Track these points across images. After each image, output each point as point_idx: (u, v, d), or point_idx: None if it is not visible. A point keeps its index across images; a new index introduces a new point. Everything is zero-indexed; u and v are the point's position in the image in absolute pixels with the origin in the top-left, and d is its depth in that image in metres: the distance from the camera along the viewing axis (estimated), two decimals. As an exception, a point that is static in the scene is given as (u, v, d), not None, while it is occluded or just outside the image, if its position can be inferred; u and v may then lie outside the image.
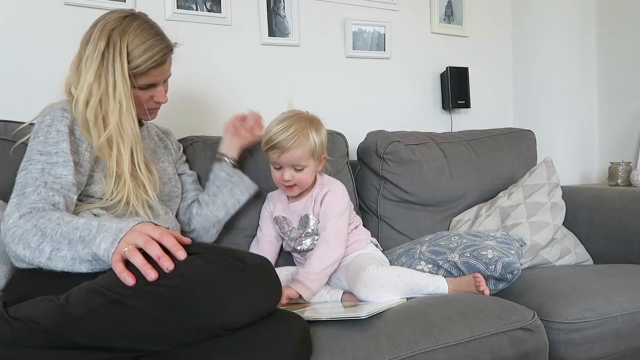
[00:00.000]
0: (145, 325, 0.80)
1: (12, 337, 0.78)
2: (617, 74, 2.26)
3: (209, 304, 0.80)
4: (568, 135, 2.29)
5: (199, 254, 0.84)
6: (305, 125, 1.31)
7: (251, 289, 0.83)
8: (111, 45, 1.10)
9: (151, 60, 1.13)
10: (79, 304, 0.80)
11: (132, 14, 1.16)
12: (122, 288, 0.80)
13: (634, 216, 1.59)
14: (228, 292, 0.81)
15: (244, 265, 0.84)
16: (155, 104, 1.23)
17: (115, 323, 0.80)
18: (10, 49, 1.50)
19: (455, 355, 1.01)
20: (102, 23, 1.13)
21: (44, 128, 1.08)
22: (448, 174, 1.79)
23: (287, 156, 1.30)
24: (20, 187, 1.01)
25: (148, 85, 1.18)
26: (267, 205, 1.49)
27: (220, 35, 1.79)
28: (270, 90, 1.87)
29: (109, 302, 0.80)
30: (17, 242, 0.93)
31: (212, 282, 0.81)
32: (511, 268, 1.25)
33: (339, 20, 2.01)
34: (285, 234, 1.44)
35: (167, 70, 1.21)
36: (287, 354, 0.84)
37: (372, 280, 1.20)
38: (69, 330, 0.79)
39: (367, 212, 1.79)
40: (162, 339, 0.81)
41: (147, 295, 0.80)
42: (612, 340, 1.20)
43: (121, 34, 1.10)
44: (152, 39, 1.13)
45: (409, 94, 2.18)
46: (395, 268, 1.31)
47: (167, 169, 1.33)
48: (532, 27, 2.32)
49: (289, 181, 1.33)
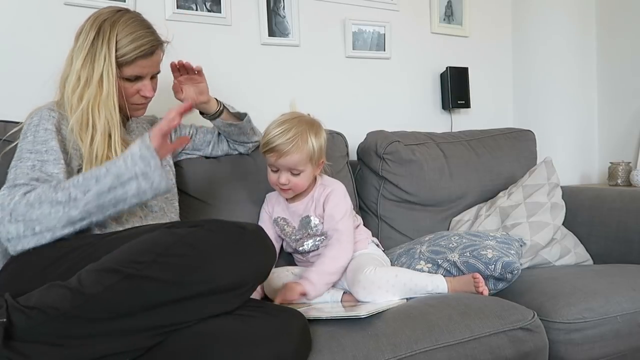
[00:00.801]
0: (163, 295, 0.83)
1: (29, 324, 0.78)
2: (616, 74, 2.26)
3: (217, 266, 0.86)
4: (568, 135, 2.29)
5: (201, 226, 0.90)
6: (305, 129, 1.30)
7: (252, 250, 0.91)
8: (101, 34, 1.12)
9: (139, 50, 1.14)
10: (94, 284, 0.81)
11: (126, 9, 1.19)
12: (135, 263, 0.83)
13: (633, 216, 1.59)
14: (232, 254, 0.88)
15: (244, 231, 0.91)
16: (142, 98, 1.22)
17: (132, 297, 0.82)
18: (10, 49, 1.50)
19: (455, 355, 1.01)
20: (94, 15, 1.16)
21: (32, 128, 1.09)
22: (448, 174, 1.79)
23: (284, 160, 1.29)
24: (10, 181, 1.01)
25: (135, 77, 1.18)
26: (265, 206, 1.49)
27: (220, 36, 1.79)
28: (270, 90, 1.87)
29: (124, 278, 0.82)
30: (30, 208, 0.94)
31: (218, 246, 0.87)
32: (511, 268, 1.25)
33: (339, 20, 2.01)
34: (286, 235, 1.43)
35: (156, 64, 1.22)
36: (286, 349, 0.85)
37: (370, 281, 1.20)
38: (88, 310, 0.80)
39: (367, 212, 1.79)
40: (179, 308, 0.84)
41: (161, 265, 0.83)
42: (612, 340, 1.20)
43: (112, 25, 1.13)
44: (141, 31, 1.16)
45: (408, 94, 2.18)
46: (394, 269, 1.31)
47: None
48: (532, 27, 2.32)
49: (285, 185, 1.33)
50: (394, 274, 1.23)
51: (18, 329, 0.78)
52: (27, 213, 0.95)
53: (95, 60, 1.12)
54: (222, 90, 1.50)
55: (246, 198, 1.52)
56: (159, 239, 0.88)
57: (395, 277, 1.22)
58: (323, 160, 1.39)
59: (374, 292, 1.19)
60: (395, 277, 1.22)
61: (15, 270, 0.99)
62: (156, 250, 0.85)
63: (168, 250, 0.85)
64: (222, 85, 1.52)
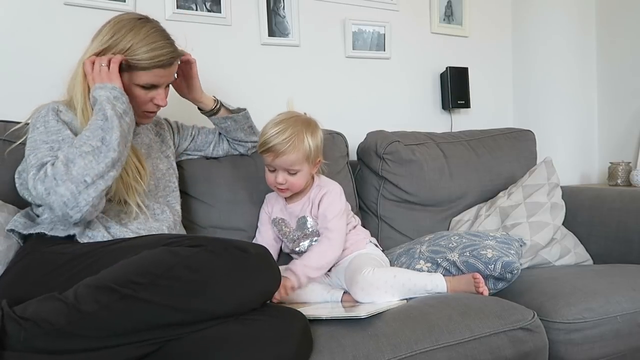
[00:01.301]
0: (159, 318, 0.82)
1: (25, 337, 0.78)
2: (616, 74, 2.26)
3: (218, 292, 0.84)
4: (568, 135, 2.29)
5: (204, 247, 0.87)
6: (301, 129, 1.30)
7: (256, 276, 0.89)
8: (116, 37, 1.13)
9: (157, 60, 1.15)
10: (91, 301, 0.80)
11: (146, 18, 1.19)
12: (132, 283, 0.81)
13: (633, 216, 1.59)
14: (235, 280, 0.86)
15: (248, 255, 0.89)
16: (154, 106, 1.23)
17: (128, 317, 0.81)
18: (10, 49, 1.49)
19: (455, 355, 1.01)
20: (114, 20, 1.17)
21: (41, 119, 1.09)
22: (448, 174, 1.79)
23: (281, 160, 1.29)
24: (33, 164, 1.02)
25: (150, 85, 1.19)
26: (265, 207, 1.49)
27: (220, 36, 1.79)
28: (270, 90, 1.87)
29: (120, 298, 0.80)
30: (67, 167, 0.97)
31: (221, 272, 0.85)
32: (511, 268, 1.25)
33: (339, 20, 2.01)
34: (284, 235, 1.44)
35: (172, 74, 1.23)
36: (288, 350, 0.85)
37: (368, 282, 1.20)
38: (83, 327, 0.79)
39: (367, 212, 1.79)
40: (175, 329, 0.83)
41: (159, 288, 0.82)
42: (612, 340, 1.20)
43: (129, 30, 1.14)
44: (161, 41, 1.17)
45: (408, 94, 2.18)
46: (392, 269, 1.30)
47: (160, 164, 1.33)
48: (532, 27, 2.32)
49: (282, 184, 1.33)
50: (392, 274, 1.23)
51: (11, 339, 0.77)
52: (67, 172, 0.96)
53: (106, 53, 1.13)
54: (221, 90, 1.50)
55: (246, 199, 1.52)
56: (159, 259, 0.85)
57: (394, 277, 1.22)
58: (320, 160, 1.39)
59: (372, 293, 1.19)
60: (394, 277, 1.22)
61: (16, 274, 0.99)
62: (155, 272, 0.83)
63: (168, 273, 0.83)
64: (222, 85, 1.52)
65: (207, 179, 1.50)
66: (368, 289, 1.19)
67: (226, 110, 1.45)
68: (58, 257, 0.97)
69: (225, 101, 1.46)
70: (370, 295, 1.19)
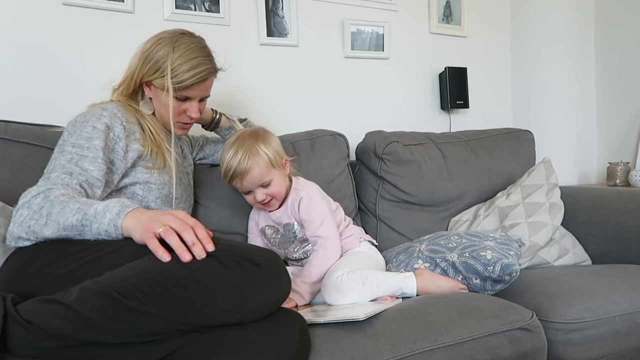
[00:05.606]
0: (166, 329, 0.81)
1: (28, 340, 0.77)
2: (615, 74, 2.27)
3: (227, 307, 0.82)
4: (566, 136, 2.29)
5: (215, 256, 0.84)
6: (252, 143, 1.30)
7: (267, 289, 0.86)
8: (158, 46, 1.19)
9: (196, 77, 1.19)
10: (96, 310, 0.79)
11: (189, 33, 1.24)
12: (139, 293, 0.80)
13: (632, 216, 1.59)
14: (246, 295, 0.83)
15: (260, 269, 0.85)
16: (188, 118, 1.26)
17: (133, 327, 0.80)
18: (9, 48, 1.49)
19: (453, 355, 1.01)
20: (156, 36, 1.21)
21: (79, 124, 1.11)
22: (446, 174, 1.79)
23: (248, 180, 1.29)
24: (47, 173, 1.04)
25: (185, 97, 1.22)
26: (253, 215, 1.48)
27: (218, 36, 1.79)
28: (269, 90, 1.87)
29: (126, 310, 0.79)
30: (22, 206, 0.96)
31: (230, 287, 0.82)
32: (509, 270, 1.25)
33: (338, 20, 2.01)
34: (274, 244, 1.43)
35: (207, 88, 1.27)
36: (287, 353, 0.85)
37: (335, 288, 1.19)
38: (88, 334, 0.78)
39: (365, 212, 1.79)
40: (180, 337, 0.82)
41: (166, 302, 0.80)
42: (611, 340, 1.20)
43: (172, 45, 1.18)
44: (200, 58, 1.20)
45: (407, 94, 2.18)
46: (362, 275, 1.23)
47: (183, 179, 1.36)
48: (531, 28, 2.32)
49: (264, 200, 1.33)
50: (361, 281, 1.20)
51: (15, 342, 0.77)
52: (39, 218, 0.95)
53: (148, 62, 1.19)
54: (220, 91, 1.49)
55: (246, 204, 1.49)
56: (168, 268, 0.82)
57: (362, 285, 1.20)
58: (286, 159, 1.38)
59: (339, 299, 1.18)
60: (362, 285, 1.20)
61: (17, 265, 0.98)
62: (163, 283, 0.80)
63: (176, 285, 0.80)
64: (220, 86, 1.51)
65: (208, 183, 1.50)
66: (334, 295, 1.19)
67: (227, 120, 1.48)
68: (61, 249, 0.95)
69: (225, 102, 1.46)
70: (337, 301, 1.18)
